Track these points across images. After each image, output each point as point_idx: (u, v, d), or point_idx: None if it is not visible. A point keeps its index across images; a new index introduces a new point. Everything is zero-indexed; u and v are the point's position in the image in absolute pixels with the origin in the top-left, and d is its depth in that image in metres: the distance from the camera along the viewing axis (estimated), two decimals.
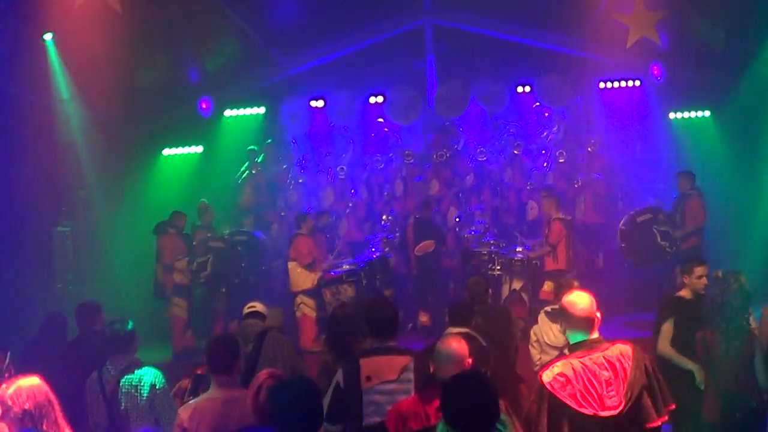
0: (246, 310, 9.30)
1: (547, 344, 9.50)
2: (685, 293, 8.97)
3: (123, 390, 7.35)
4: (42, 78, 14.93)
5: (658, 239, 15.19)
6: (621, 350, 5.63)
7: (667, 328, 8.86)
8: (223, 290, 15.52)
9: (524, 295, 14.88)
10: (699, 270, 8.90)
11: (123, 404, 7.32)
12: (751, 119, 17.32)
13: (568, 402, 5.41)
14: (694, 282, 8.84)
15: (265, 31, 17.19)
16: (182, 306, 15.37)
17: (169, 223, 15.64)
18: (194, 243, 15.76)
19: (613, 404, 5.38)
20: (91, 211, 17.48)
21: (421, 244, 15.81)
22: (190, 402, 6.60)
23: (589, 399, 5.39)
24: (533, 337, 9.95)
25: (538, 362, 9.51)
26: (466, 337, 6.71)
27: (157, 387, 7.38)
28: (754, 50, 16.17)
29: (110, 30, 14.51)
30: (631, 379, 5.46)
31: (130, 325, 7.66)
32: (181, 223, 15.79)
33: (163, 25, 15.03)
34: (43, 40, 14.20)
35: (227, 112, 18.60)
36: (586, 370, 5.50)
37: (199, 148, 18.90)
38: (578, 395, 5.41)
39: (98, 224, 17.47)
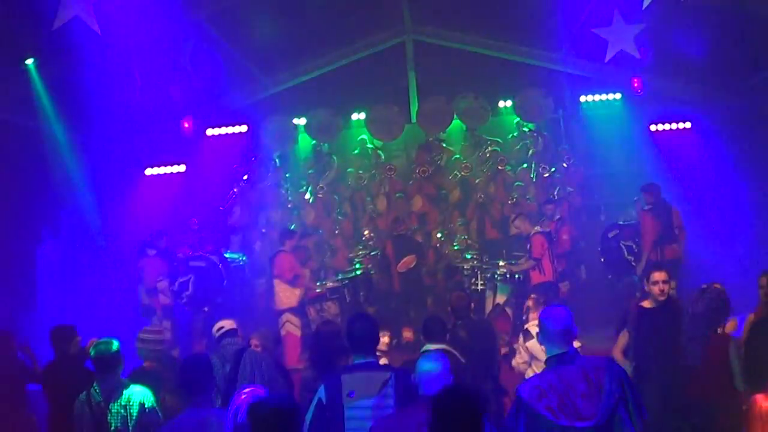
0: (217, 333, 9.24)
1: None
2: (646, 303, 9.08)
3: (112, 411, 7.31)
4: (25, 101, 14.91)
5: (625, 254, 15.43)
6: (596, 363, 5.67)
7: (622, 337, 9.12)
8: (206, 309, 15.52)
9: (508, 310, 14.91)
10: (655, 275, 9.02)
11: (113, 425, 7.29)
12: (732, 130, 17.42)
13: (544, 414, 5.44)
14: (650, 288, 8.96)
15: (247, 50, 17.21)
16: (166, 326, 15.33)
17: (148, 243, 15.65)
18: (174, 263, 15.78)
19: (588, 416, 5.40)
20: (74, 231, 17.43)
21: (403, 261, 15.86)
22: (164, 424, 6.59)
23: (565, 411, 5.42)
24: (526, 353, 9.95)
25: None
26: (443, 353, 6.75)
27: (146, 406, 7.36)
28: (734, 62, 16.27)
29: (91, 51, 14.51)
30: (606, 391, 5.49)
31: (115, 346, 7.62)
32: (162, 244, 15.80)
33: (144, 44, 15.02)
34: (25, 65, 14.19)
35: (209, 131, 18.59)
36: (562, 383, 5.54)
37: (182, 167, 18.88)
38: (554, 407, 5.44)
39: (82, 244, 17.42)
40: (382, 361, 8.63)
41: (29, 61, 14.23)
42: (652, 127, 18.64)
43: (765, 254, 15.11)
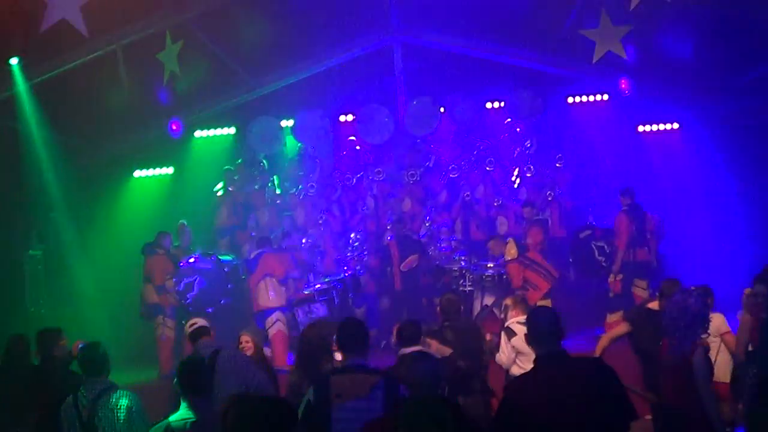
0: (191, 330, 9.12)
1: None
2: (653, 304, 9.15)
3: (99, 414, 7.22)
4: (9, 102, 14.87)
5: (596, 254, 15.56)
6: (585, 362, 5.69)
7: (621, 327, 9.17)
8: (210, 311, 15.54)
9: (496, 311, 14.88)
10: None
11: (100, 429, 7.22)
12: (719, 131, 17.47)
13: (532, 413, 5.44)
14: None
15: (235, 52, 17.18)
16: (171, 326, 15.30)
17: (155, 243, 15.64)
18: (181, 264, 15.79)
19: (576, 415, 5.41)
20: (62, 234, 17.40)
21: (407, 260, 15.94)
22: (161, 423, 6.56)
23: (553, 410, 5.42)
24: (512, 352, 9.92)
25: None
26: (420, 355, 6.79)
27: (133, 410, 7.26)
28: (722, 62, 16.31)
29: (78, 52, 14.50)
30: (594, 389, 5.49)
31: (101, 349, 7.56)
32: (167, 243, 15.80)
33: (131, 46, 14.99)
34: (9, 64, 14.13)
35: (198, 133, 18.55)
36: (551, 382, 5.55)
37: (170, 170, 18.84)
38: (542, 406, 5.44)
39: (70, 247, 17.38)
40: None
41: (14, 61, 14.17)
42: (640, 128, 18.69)
43: (753, 254, 15.16)
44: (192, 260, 15.60)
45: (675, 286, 8.95)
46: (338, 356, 9.16)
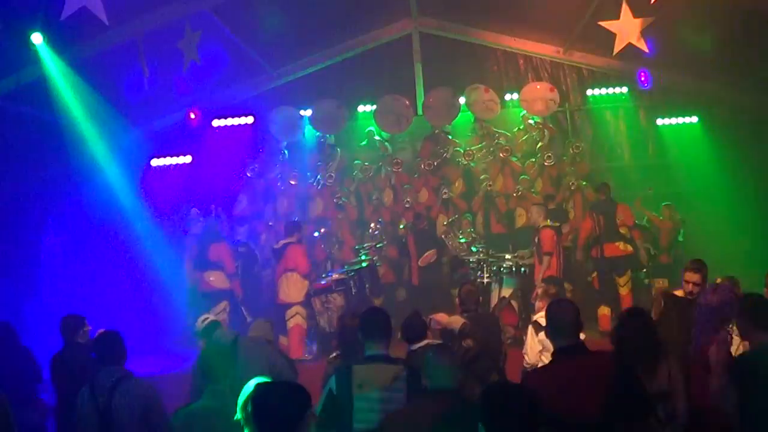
0: (204, 325, 9.31)
1: None
2: (679, 292, 9.18)
3: (115, 403, 7.13)
4: (33, 90, 14.87)
5: None
6: (603, 356, 5.67)
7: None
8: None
9: (513, 303, 14.86)
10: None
11: (116, 416, 7.17)
12: (738, 125, 17.40)
13: (549, 406, 5.43)
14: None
15: (254, 41, 17.19)
16: (228, 310, 15.35)
17: (215, 230, 15.79)
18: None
19: (592, 408, 5.40)
20: (79, 220, 17.41)
21: (424, 255, 15.97)
22: (183, 410, 6.58)
23: (570, 403, 5.41)
24: (538, 344, 9.87)
25: None
26: (438, 347, 6.80)
27: (149, 399, 7.20)
28: (741, 56, 16.24)
29: (98, 41, 14.52)
30: (611, 384, 5.48)
31: (118, 337, 7.54)
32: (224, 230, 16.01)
33: (151, 34, 14.99)
34: (32, 44, 14.04)
35: (216, 122, 18.57)
36: (569, 375, 5.54)
37: (188, 158, 18.86)
38: (559, 399, 5.43)
39: (87, 235, 17.39)
40: None
41: (38, 39, 14.08)
42: (659, 121, 18.63)
43: None
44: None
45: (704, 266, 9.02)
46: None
